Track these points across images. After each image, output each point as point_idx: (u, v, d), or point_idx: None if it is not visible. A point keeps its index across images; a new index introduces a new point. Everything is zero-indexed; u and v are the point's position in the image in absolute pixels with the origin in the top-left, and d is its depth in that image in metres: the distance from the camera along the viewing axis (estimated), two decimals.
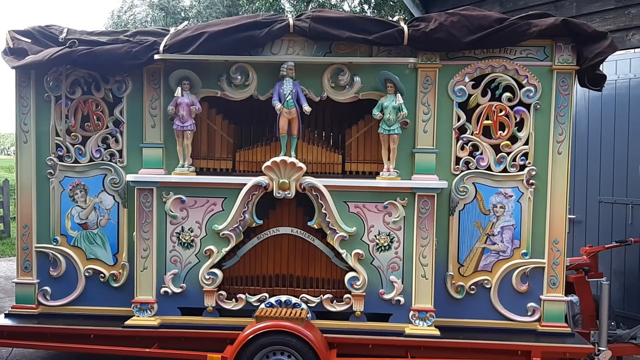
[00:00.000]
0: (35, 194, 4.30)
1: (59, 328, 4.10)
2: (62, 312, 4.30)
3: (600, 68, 3.99)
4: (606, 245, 4.76)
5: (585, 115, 5.35)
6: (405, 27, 3.87)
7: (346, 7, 16.07)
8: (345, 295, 4.02)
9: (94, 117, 4.25)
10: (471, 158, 4.03)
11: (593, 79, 3.99)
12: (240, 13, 15.88)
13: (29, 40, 4.24)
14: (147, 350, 3.98)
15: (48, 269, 4.33)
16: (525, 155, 4.00)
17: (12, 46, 4.24)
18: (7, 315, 4.33)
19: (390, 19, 4.05)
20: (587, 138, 5.34)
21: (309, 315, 4.01)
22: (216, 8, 20.47)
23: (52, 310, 4.32)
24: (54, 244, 4.32)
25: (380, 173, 4.01)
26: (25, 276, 4.34)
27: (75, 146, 4.27)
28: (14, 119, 4.30)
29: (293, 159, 3.94)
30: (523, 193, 4.01)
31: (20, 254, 4.35)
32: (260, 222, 4.08)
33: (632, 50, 5.19)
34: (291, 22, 3.91)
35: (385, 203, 3.97)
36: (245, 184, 3.97)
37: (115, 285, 4.27)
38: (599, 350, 4.01)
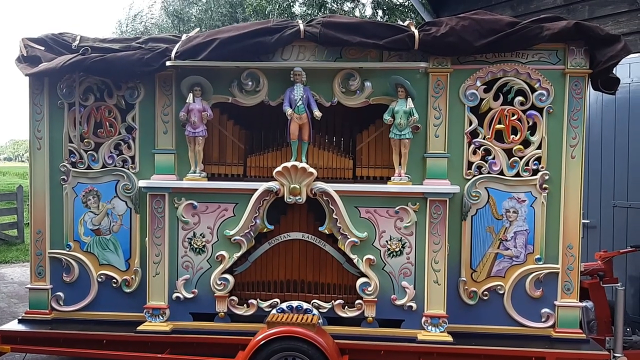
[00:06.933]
0: (49, 200, 4.34)
1: (71, 333, 4.13)
2: (75, 317, 4.33)
3: (614, 71, 3.95)
4: (621, 250, 4.70)
5: (599, 119, 5.30)
6: (416, 32, 3.86)
7: (357, 13, 16.09)
8: (357, 301, 4.01)
9: (107, 123, 4.28)
10: (483, 162, 4.00)
11: (606, 83, 3.96)
12: (246, 17, 15.92)
13: (42, 48, 4.29)
14: (159, 355, 3.98)
15: (61, 275, 4.36)
16: (538, 159, 3.97)
17: (25, 54, 4.29)
18: (20, 321, 4.36)
19: (401, 23, 4.04)
20: (601, 142, 5.29)
21: (320, 321, 3.99)
22: (218, 12, 20.46)
23: (65, 316, 4.35)
24: (67, 249, 4.35)
25: (392, 178, 3.99)
26: (39, 282, 4.37)
27: (88, 152, 4.31)
28: (28, 126, 4.35)
29: (304, 165, 3.94)
30: (536, 198, 3.98)
31: (33, 260, 4.38)
32: (272, 227, 4.08)
33: None
34: (302, 27, 3.92)
35: (397, 208, 3.95)
36: (257, 190, 3.98)
37: (128, 290, 4.29)
38: (614, 356, 3.97)
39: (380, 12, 15.69)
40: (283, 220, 4.14)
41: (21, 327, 4.26)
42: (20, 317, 4.42)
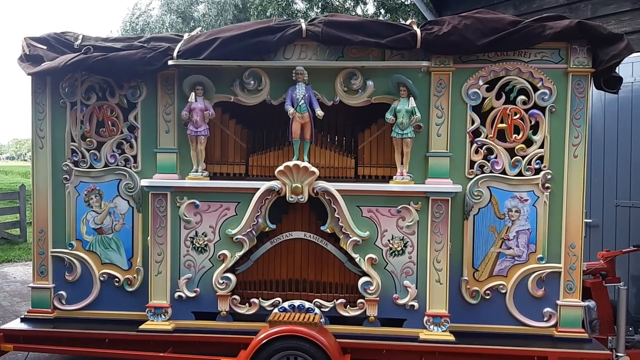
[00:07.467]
0: (51, 199, 4.34)
1: (74, 332, 4.13)
2: (78, 316, 4.33)
3: (616, 70, 3.95)
4: (623, 250, 4.69)
5: (602, 118, 5.28)
6: (419, 31, 3.86)
7: (359, 12, 16.08)
8: (359, 300, 4.01)
9: (109, 122, 4.29)
10: (486, 162, 4.00)
11: (609, 82, 3.95)
12: (251, 15, 15.97)
13: (45, 47, 4.29)
14: (161, 354, 3.98)
15: (63, 274, 4.37)
16: (541, 158, 3.96)
17: (28, 53, 4.29)
18: (23, 320, 4.37)
19: (403, 22, 4.04)
20: (604, 141, 5.28)
21: (322, 320, 3.99)
22: (226, 15, 20.56)
23: (68, 315, 4.36)
24: (70, 248, 4.36)
25: (394, 177, 3.99)
26: (41, 281, 4.38)
27: (91, 151, 4.31)
28: (30, 125, 4.35)
29: (306, 164, 3.94)
30: (538, 197, 3.97)
31: (36, 259, 4.39)
32: (274, 226, 4.08)
33: None
34: (304, 26, 3.92)
35: (399, 207, 3.95)
36: (259, 189, 3.98)
37: (130, 289, 4.30)
38: (616, 356, 3.96)
39: (382, 11, 15.69)
40: (285, 219, 4.14)
41: (23, 326, 4.27)
42: (22, 316, 4.43)
